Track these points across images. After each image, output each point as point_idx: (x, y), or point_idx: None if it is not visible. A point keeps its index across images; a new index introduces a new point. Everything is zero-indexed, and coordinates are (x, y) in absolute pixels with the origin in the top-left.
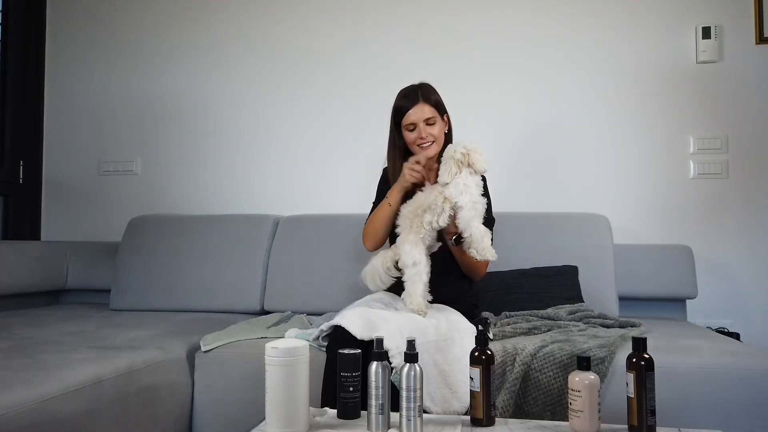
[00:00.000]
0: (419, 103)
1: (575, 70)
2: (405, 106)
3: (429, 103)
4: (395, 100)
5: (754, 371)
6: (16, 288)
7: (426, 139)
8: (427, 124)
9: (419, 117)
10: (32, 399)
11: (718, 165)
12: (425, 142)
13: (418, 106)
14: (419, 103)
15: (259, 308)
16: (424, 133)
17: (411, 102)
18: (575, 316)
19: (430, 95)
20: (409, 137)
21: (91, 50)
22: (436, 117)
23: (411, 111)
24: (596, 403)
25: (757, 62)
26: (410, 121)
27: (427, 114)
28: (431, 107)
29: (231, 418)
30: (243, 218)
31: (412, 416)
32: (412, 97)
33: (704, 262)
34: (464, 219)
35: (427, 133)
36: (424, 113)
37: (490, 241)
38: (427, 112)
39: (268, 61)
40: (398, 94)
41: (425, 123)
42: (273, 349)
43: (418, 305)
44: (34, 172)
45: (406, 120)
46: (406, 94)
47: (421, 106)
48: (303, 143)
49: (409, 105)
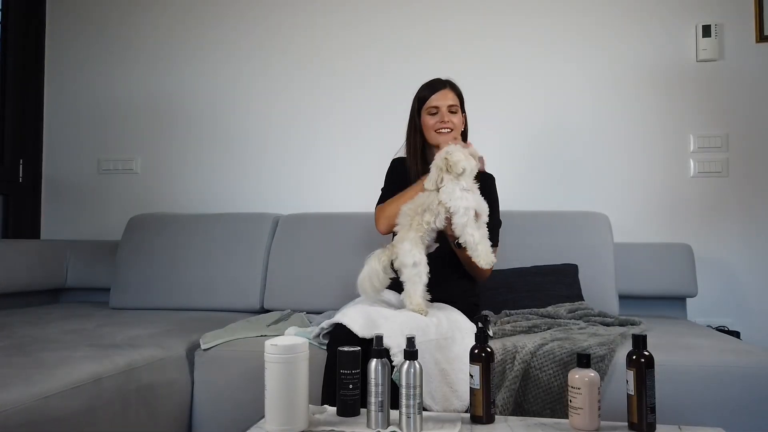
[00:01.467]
0: (446, 88)
1: (576, 69)
2: (430, 92)
3: (454, 91)
4: (420, 90)
5: (755, 369)
6: (16, 286)
7: (446, 124)
8: (449, 111)
9: (443, 102)
10: (32, 397)
11: (719, 163)
12: (445, 126)
13: (444, 91)
14: (445, 89)
15: (258, 307)
16: (446, 118)
17: (437, 87)
18: (575, 314)
19: (455, 86)
20: (428, 121)
21: (91, 49)
22: (458, 107)
23: (436, 95)
24: (596, 401)
25: (758, 61)
26: (434, 105)
27: (451, 101)
28: (455, 95)
29: (230, 415)
30: (243, 217)
31: (412, 413)
32: (439, 84)
33: (704, 261)
34: (458, 225)
35: (448, 119)
36: (447, 99)
37: (489, 247)
38: (451, 99)
39: (269, 61)
40: (423, 85)
41: (448, 109)
42: (272, 346)
43: (418, 305)
44: (34, 171)
45: (429, 103)
46: (433, 81)
47: (447, 92)
48: (304, 142)
49: (437, 88)
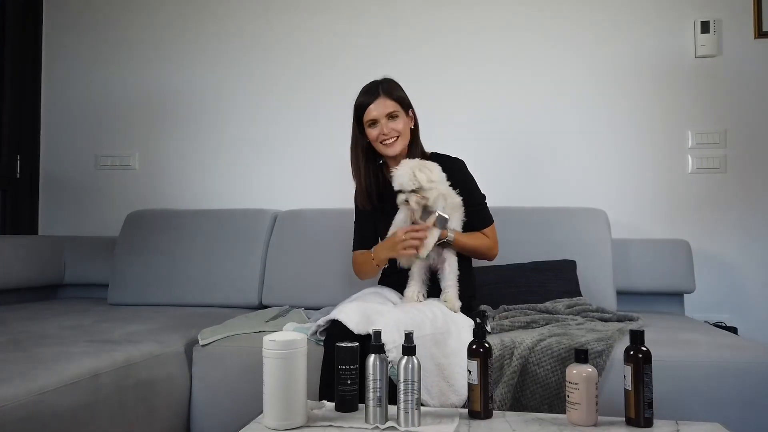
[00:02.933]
0: (380, 97)
1: (573, 65)
2: (365, 101)
3: (390, 97)
4: (357, 97)
5: (752, 365)
6: (13, 283)
7: (389, 134)
8: (389, 118)
9: (381, 112)
10: (30, 392)
11: (717, 160)
12: (388, 138)
13: (379, 100)
14: (380, 98)
15: (257, 302)
16: (387, 129)
17: (372, 97)
18: (573, 309)
19: (392, 90)
20: (371, 134)
21: (89, 45)
22: (399, 111)
23: (372, 106)
24: (594, 396)
25: (756, 57)
26: (371, 118)
27: (389, 108)
28: (393, 101)
29: (229, 411)
30: (241, 213)
31: (410, 409)
32: (373, 92)
33: (702, 257)
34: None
35: (389, 129)
36: (386, 107)
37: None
38: (389, 107)
39: (266, 57)
40: (360, 91)
41: (387, 117)
42: (271, 341)
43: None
44: (32, 167)
45: (367, 116)
46: (367, 89)
47: (383, 101)
48: (302, 138)
49: (370, 100)
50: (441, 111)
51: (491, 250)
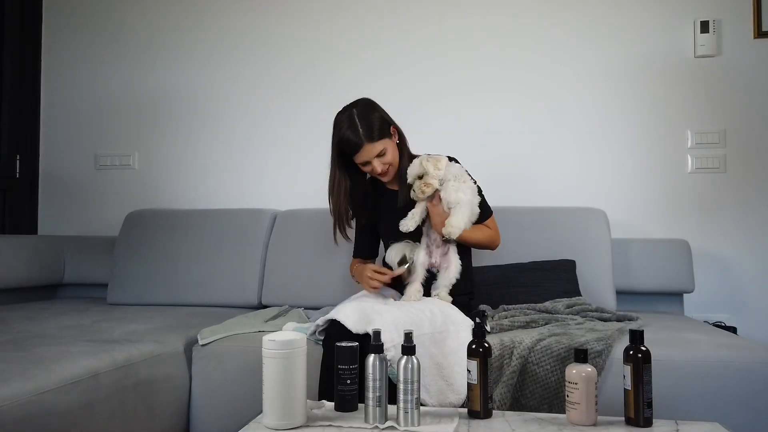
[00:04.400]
0: (365, 145)
1: (572, 64)
2: (352, 145)
3: (373, 139)
4: (338, 132)
5: (751, 364)
6: (13, 282)
7: (380, 171)
8: (378, 156)
9: (370, 156)
10: (29, 392)
11: (716, 159)
12: (382, 174)
13: (365, 149)
14: (365, 146)
15: (256, 302)
16: (380, 168)
17: (356, 145)
18: (573, 309)
19: (372, 130)
20: (365, 169)
21: (88, 44)
22: (386, 145)
23: (360, 153)
24: (593, 396)
25: (756, 57)
26: (362, 160)
27: (378, 149)
28: (377, 141)
29: (228, 411)
30: (241, 212)
31: (410, 408)
32: (355, 138)
33: (701, 257)
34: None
35: (381, 166)
36: (374, 151)
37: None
38: (377, 148)
39: (266, 57)
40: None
41: (377, 156)
42: (270, 341)
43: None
44: (31, 167)
45: (357, 159)
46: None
47: (369, 147)
48: (301, 137)
49: (355, 148)
50: (441, 110)
51: (494, 241)
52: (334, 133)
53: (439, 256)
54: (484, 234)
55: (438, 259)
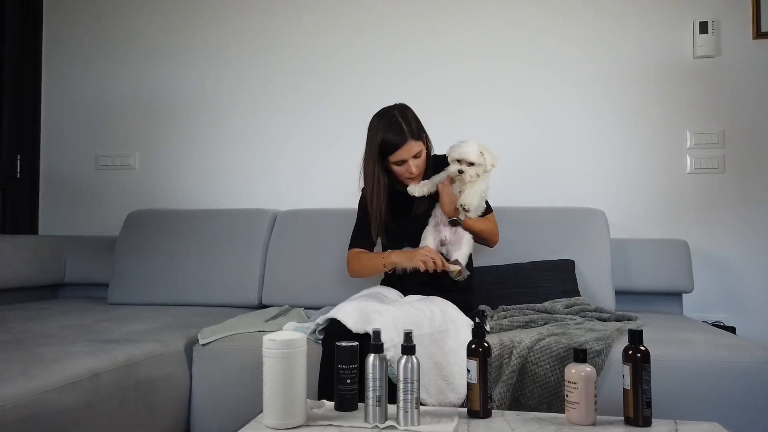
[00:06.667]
0: (408, 141)
1: (572, 65)
2: (394, 143)
3: (415, 137)
4: (379, 132)
5: (750, 364)
6: (14, 282)
7: (414, 173)
8: (415, 157)
9: (409, 154)
10: (30, 392)
11: (715, 160)
12: (413, 176)
13: (408, 144)
14: (408, 141)
15: (257, 302)
16: (414, 169)
17: (400, 139)
18: (572, 309)
19: (414, 128)
20: (397, 169)
21: (89, 44)
22: (422, 148)
23: (401, 150)
24: (593, 395)
25: (755, 57)
26: (401, 158)
27: (416, 150)
28: (418, 141)
29: (229, 410)
30: (241, 212)
31: (410, 408)
32: (399, 132)
33: (700, 257)
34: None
35: (415, 167)
36: (412, 150)
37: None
38: (418, 147)
39: (266, 57)
40: (381, 124)
41: (413, 157)
42: (270, 341)
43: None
44: (32, 167)
45: (395, 157)
46: (392, 127)
47: (412, 144)
48: (301, 138)
49: (399, 142)
50: (441, 110)
51: (495, 235)
52: (374, 131)
53: (449, 234)
54: (487, 225)
55: (449, 236)
